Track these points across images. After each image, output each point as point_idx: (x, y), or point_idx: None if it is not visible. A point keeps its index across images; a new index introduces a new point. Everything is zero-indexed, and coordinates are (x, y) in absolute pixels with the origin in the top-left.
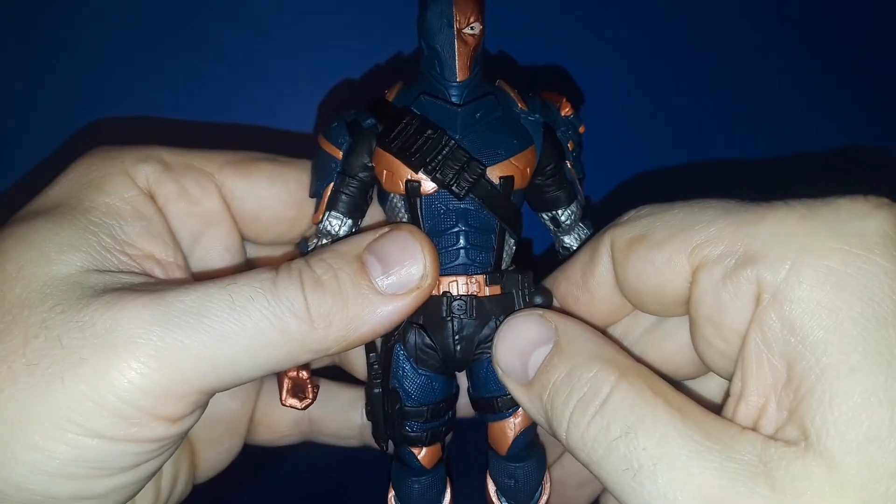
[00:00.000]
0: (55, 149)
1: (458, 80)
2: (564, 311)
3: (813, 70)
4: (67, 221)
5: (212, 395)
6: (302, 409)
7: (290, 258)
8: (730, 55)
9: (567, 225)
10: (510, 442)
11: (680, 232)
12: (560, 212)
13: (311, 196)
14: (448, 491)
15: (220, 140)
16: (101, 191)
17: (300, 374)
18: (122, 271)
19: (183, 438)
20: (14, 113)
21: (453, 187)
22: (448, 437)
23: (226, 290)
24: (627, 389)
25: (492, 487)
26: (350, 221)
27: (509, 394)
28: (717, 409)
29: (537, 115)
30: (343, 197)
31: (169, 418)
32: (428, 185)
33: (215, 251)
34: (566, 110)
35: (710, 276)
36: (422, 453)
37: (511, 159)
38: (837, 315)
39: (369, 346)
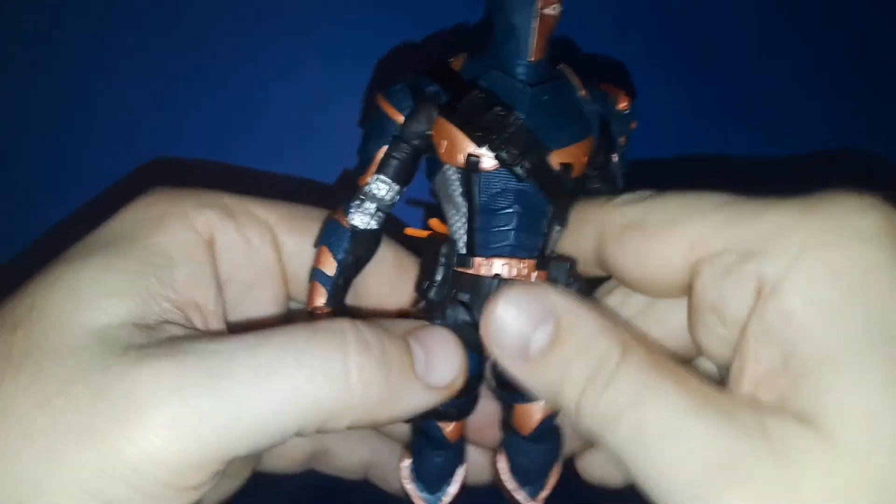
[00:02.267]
0: (109, 188)
1: (531, 59)
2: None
3: (812, 68)
4: (119, 262)
5: (232, 460)
6: None
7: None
8: (731, 50)
9: None
10: (535, 425)
11: (677, 222)
12: None
13: (360, 156)
14: (464, 465)
15: (275, 187)
16: (159, 230)
17: None
18: (160, 321)
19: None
20: (68, 150)
21: (516, 168)
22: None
23: (251, 350)
24: (633, 362)
25: (504, 464)
26: (398, 187)
27: None
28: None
29: (596, 106)
30: (395, 162)
31: (186, 488)
32: (488, 162)
33: (264, 303)
34: (622, 104)
35: (711, 270)
36: (448, 428)
37: (573, 146)
38: (836, 306)
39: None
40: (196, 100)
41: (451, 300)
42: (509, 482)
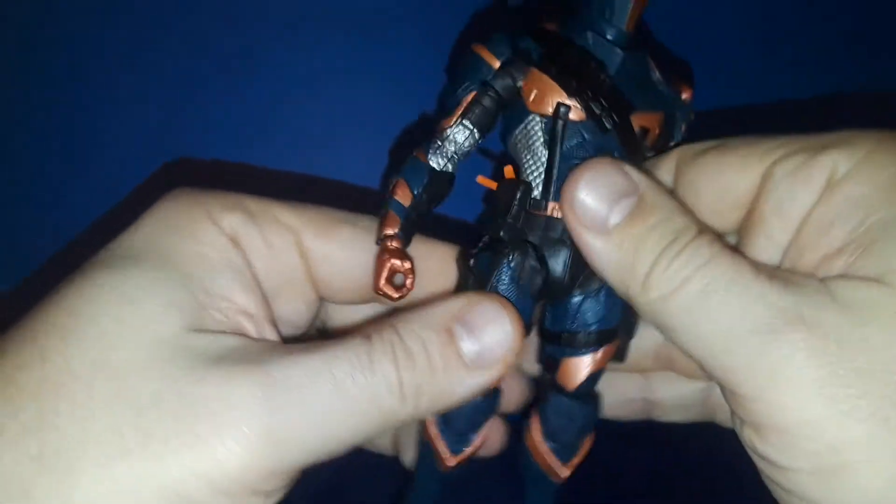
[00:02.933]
0: (128, 191)
1: (625, 29)
2: None
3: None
4: (163, 274)
5: (304, 468)
6: (397, 299)
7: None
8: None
9: None
10: (583, 378)
11: (753, 144)
12: None
13: (447, 101)
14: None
15: (296, 188)
16: (193, 238)
17: (403, 263)
18: (220, 331)
19: None
20: (87, 152)
21: (604, 118)
22: None
23: (327, 366)
24: (707, 238)
25: (538, 427)
26: (478, 135)
27: (596, 330)
28: None
29: (666, 91)
30: (480, 108)
31: (266, 493)
32: (576, 113)
33: (293, 306)
34: (686, 95)
35: (783, 169)
36: None
37: (652, 114)
38: None
39: (463, 258)
40: (214, 99)
41: (519, 239)
42: (542, 444)
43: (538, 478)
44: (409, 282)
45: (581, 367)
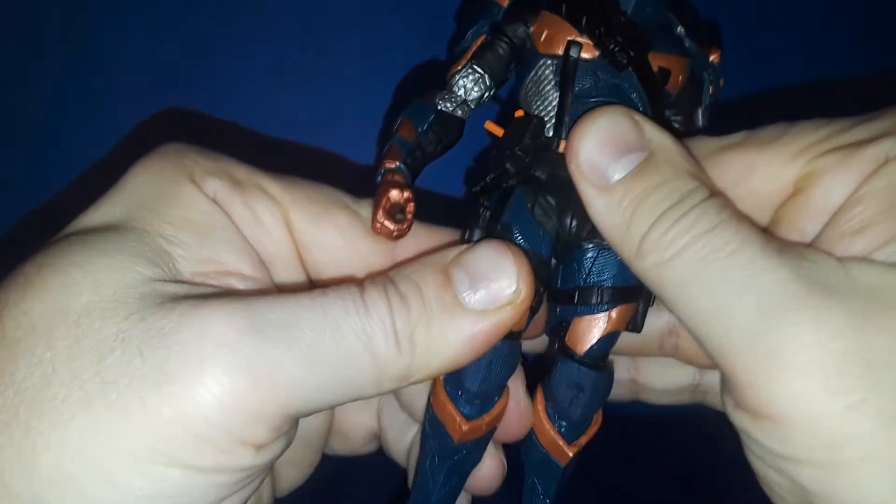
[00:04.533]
0: (115, 143)
1: None
2: None
3: None
4: (138, 236)
5: (295, 420)
6: (395, 235)
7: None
8: None
9: None
10: (595, 340)
11: (784, 136)
12: None
13: (457, 48)
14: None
15: (293, 159)
16: (174, 202)
17: (404, 193)
18: (201, 283)
19: (267, 471)
20: (74, 105)
21: (619, 54)
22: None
23: (317, 301)
24: (717, 202)
25: (543, 404)
26: (489, 82)
27: (611, 286)
28: None
29: (694, 45)
30: (491, 53)
31: (255, 444)
32: (588, 52)
33: (280, 277)
34: (714, 56)
35: (828, 162)
36: None
37: (673, 56)
38: None
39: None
40: (213, 51)
41: (530, 174)
42: (548, 422)
43: (542, 463)
44: (409, 210)
45: (594, 326)
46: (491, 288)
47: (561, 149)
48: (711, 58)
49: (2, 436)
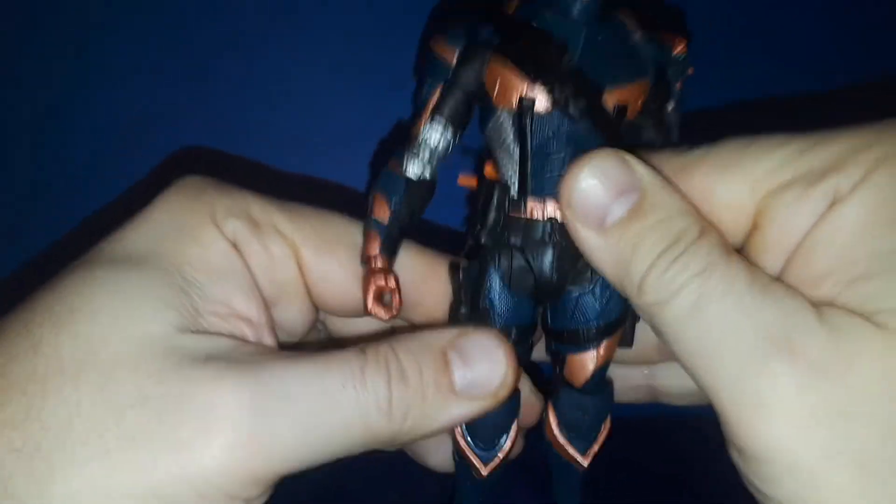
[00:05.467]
0: (138, 176)
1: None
2: None
3: None
4: (160, 275)
5: (285, 476)
6: (387, 319)
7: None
8: None
9: None
10: (590, 374)
11: (739, 162)
12: None
13: (415, 103)
14: (516, 423)
15: (300, 187)
16: (195, 241)
17: (388, 282)
18: (215, 333)
19: None
20: (97, 136)
21: (569, 107)
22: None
23: (319, 376)
24: (708, 242)
25: (554, 419)
26: (451, 132)
27: (595, 327)
28: None
29: (652, 49)
30: (449, 103)
31: (245, 499)
32: (541, 104)
33: (290, 315)
34: (679, 48)
35: (781, 201)
36: None
37: (627, 87)
38: None
39: (454, 271)
40: (223, 90)
41: (503, 245)
42: (560, 436)
43: (562, 467)
44: (395, 301)
45: (586, 363)
46: (482, 380)
47: (529, 212)
48: (676, 50)
49: (24, 465)
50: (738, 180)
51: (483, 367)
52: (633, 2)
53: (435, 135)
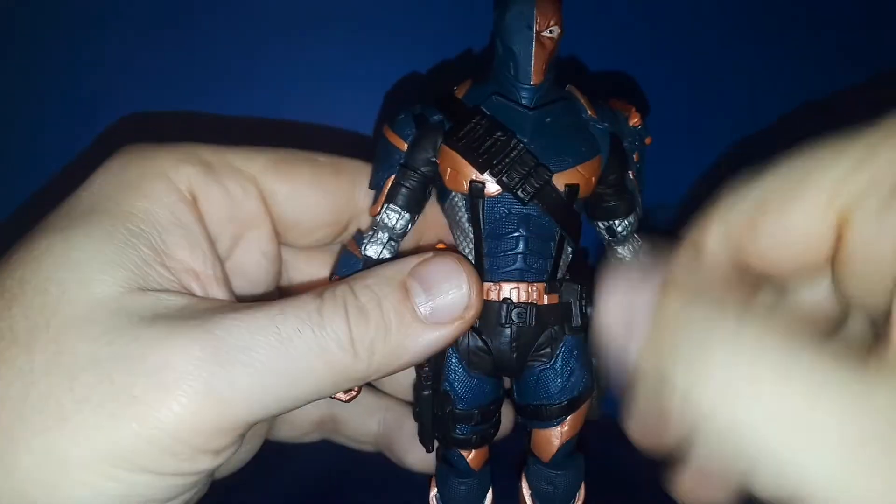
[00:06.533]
0: (83, 148)
1: (532, 83)
2: None
3: None
4: (106, 232)
5: (254, 425)
6: (346, 401)
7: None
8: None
9: (623, 236)
10: (555, 450)
11: (804, 186)
12: (617, 222)
13: (371, 188)
14: (490, 492)
15: (252, 135)
16: (140, 194)
17: None
18: (163, 290)
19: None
20: (40, 111)
21: (518, 192)
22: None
23: (273, 321)
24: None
25: (527, 491)
26: (408, 216)
27: (558, 403)
28: None
29: (606, 124)
30: (403, 190)
31: (214, 451)
32: (492, 187)
33: (253, 257)
34: (634, 120)
35: (864, 211)
36: (470, 455)
37: (578, 167)
38: None
39: None
40: (164, 49)
41: None
42: None
43: None
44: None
45: (552, 438)
46: (446, 303)
47: (485, 293)
48: (632, 122)
49: None
50: (812, 199)
51: (445, 292)
52: (582, 72)
53: (391, 220)
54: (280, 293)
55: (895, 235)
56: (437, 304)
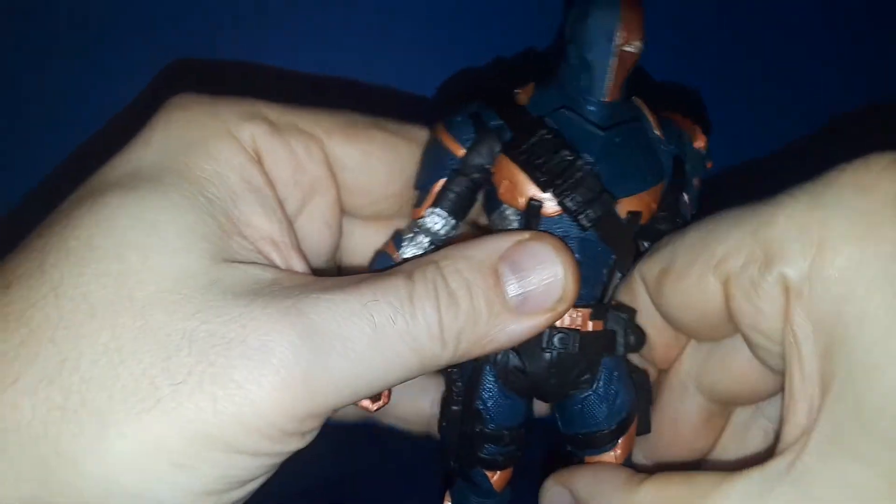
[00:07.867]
0: (133, 96)
1: (605, 99)
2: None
3: None
4: (183, 197)
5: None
6: (374, 411)
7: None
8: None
9: None
10: None
11: (700, 254)
12: None
13: (416, 188)
14: None
15: (312, 93)
16: (209, 156)
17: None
18: (248, 262)
19: None
20: (89, 61)
21: (580, 217)
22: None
23: (366, 308)
24: None
25: None
26: (454, 221)
27: (607, 428)
28: None
29: (672, 146)
30: (452, 196)
31: (303, 434)
32: (550, 208)
33: (316, 225)
34: (699, 143)
35: (740, 287)
36: (495, 476)
37: (643, 194)
38: (861, 308)
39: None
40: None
41: None
42: None
43: None
44: (385, 392)
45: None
46: (538, 293)
47: None
48: (696, 144)
49: (72, 423)
50: (703, 274)
51: (539, 281)
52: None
53: (436, 224)
54: (339, 268)
55: (768, 311)
56: (528, 293)
